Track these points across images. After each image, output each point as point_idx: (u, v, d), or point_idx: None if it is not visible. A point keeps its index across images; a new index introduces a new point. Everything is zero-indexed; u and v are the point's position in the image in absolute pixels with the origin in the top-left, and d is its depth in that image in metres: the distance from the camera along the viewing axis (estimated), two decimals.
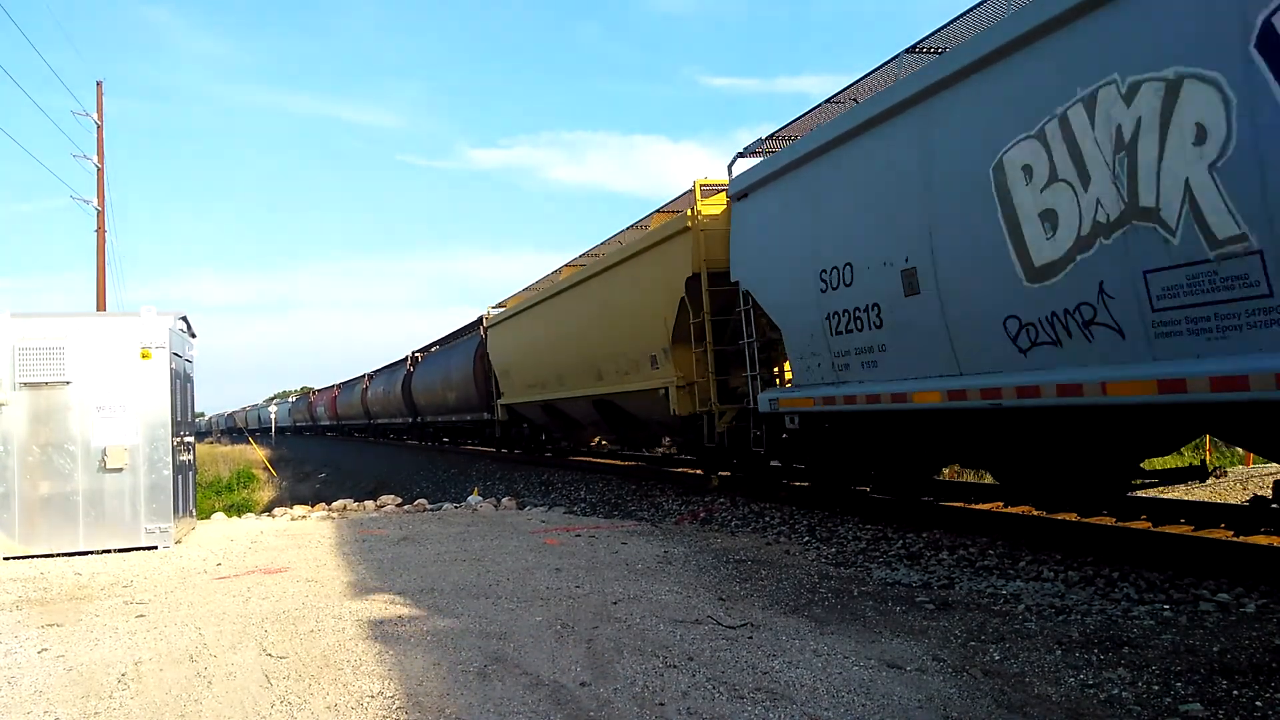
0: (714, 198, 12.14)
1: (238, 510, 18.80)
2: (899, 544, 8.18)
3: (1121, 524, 8.14)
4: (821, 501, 10.99)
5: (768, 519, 10.39)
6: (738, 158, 11.17)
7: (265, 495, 31.40)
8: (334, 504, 14.06)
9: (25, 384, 9.38)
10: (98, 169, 26.58)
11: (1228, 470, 11.35)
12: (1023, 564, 7.03)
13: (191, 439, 11.36)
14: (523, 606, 6.05)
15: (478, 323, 25.88)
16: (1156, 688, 4.06)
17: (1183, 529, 7.83)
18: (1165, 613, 5.37)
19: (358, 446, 50.36)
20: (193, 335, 11.54)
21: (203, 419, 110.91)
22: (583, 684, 4.35)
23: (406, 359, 36.09)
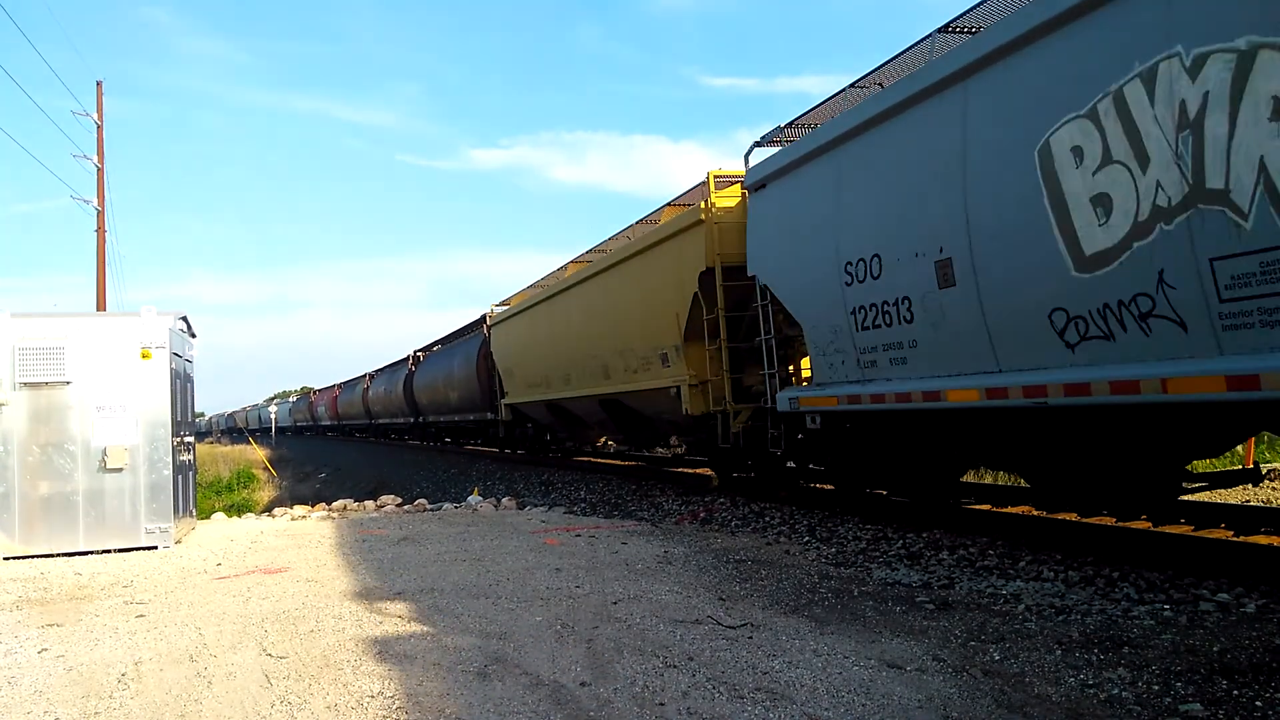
0: (728, 189, 11.69)
1: (238, 510, 18.77)
2: (899, 544, 8.18)
3: (1121, 524, 8.13)
4: (822, 501, 10.98)
5: (768, 519, 10.39)
6: (754, 147, 10.72)
7: (265, 495, 31.35)
8: (334, 504, 14.06)
9: (25, 384, 9.38)
10: (98, 169, 26.62)
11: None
12: (1023, 564, 7.03)
13: (191, 439, 11.37)
14: (523, 606, 6.05)
15: (481, 321, 25.59)
16: (1156, 688, 4.06)
17: (1183, 529, 7.84)
18: (1165, 613, 5.37)
19: (358, 446, 50.37)
20: (193, 335, 11.55)
21: (203, 419, 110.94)
22: (583, 684, 4.35)
23: (408, 358, 35.62)
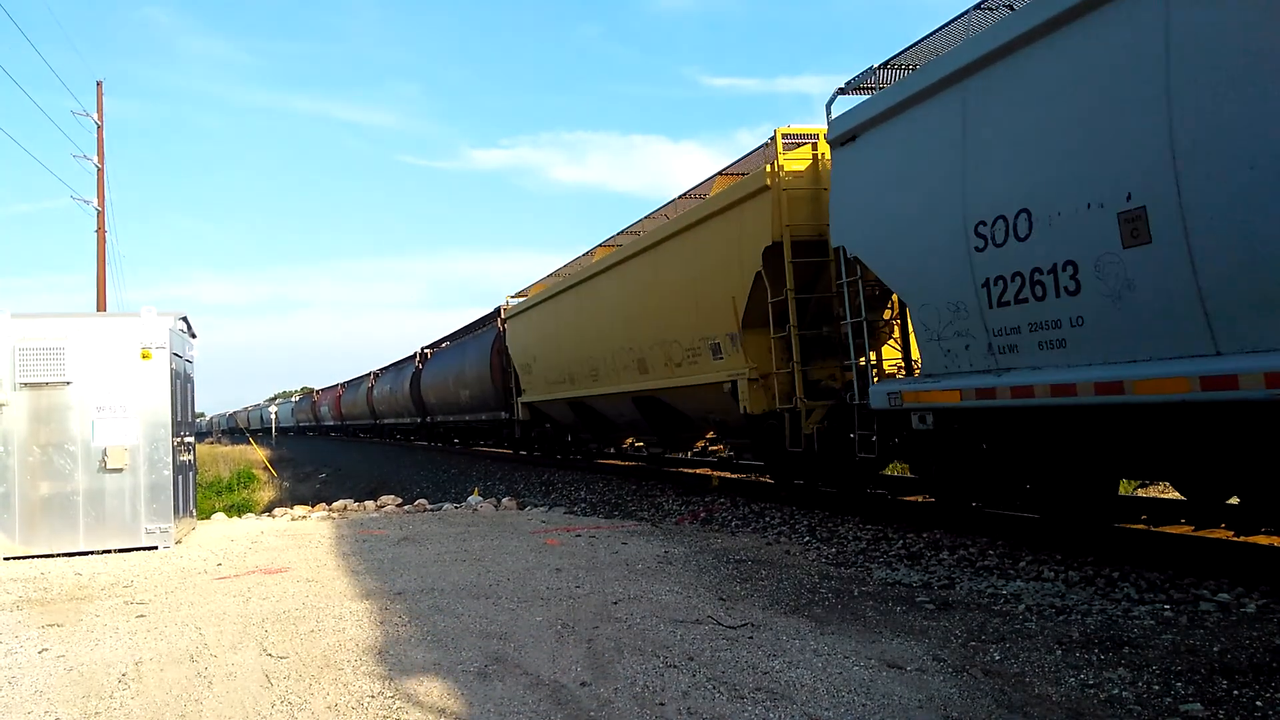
0: (797, 151, 10.05)
1: (238, 510, 18.76)
2: (899, 544, 8.18)
3: (1121, 524, 8.13)
4: (823, 501, 10.98)
5: (768, 519, 10.40)
6: (838, 94, 9.07)
7: (265, 495, 31.33)
8: (334, 504, 14.06)
9: (25, 384, 9.39)
10: (98, 169, 26.64)
11: None
12: (1023, 564, 7.03)
13: (192, 439, 11.37)
14: (523, 606, 6.05)
15: (495, 314, 23.95)
16: (1157, 688, 4.06)
17: (1183, 529, 7.84)
18: (1165, 613, 5.37)
19: (360, 447, 50.32)
20: (193, 335, 11.55)
21: (203, 419, 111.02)
22: (583, 684, 4.35)
23: (415, 355, 34.37)
